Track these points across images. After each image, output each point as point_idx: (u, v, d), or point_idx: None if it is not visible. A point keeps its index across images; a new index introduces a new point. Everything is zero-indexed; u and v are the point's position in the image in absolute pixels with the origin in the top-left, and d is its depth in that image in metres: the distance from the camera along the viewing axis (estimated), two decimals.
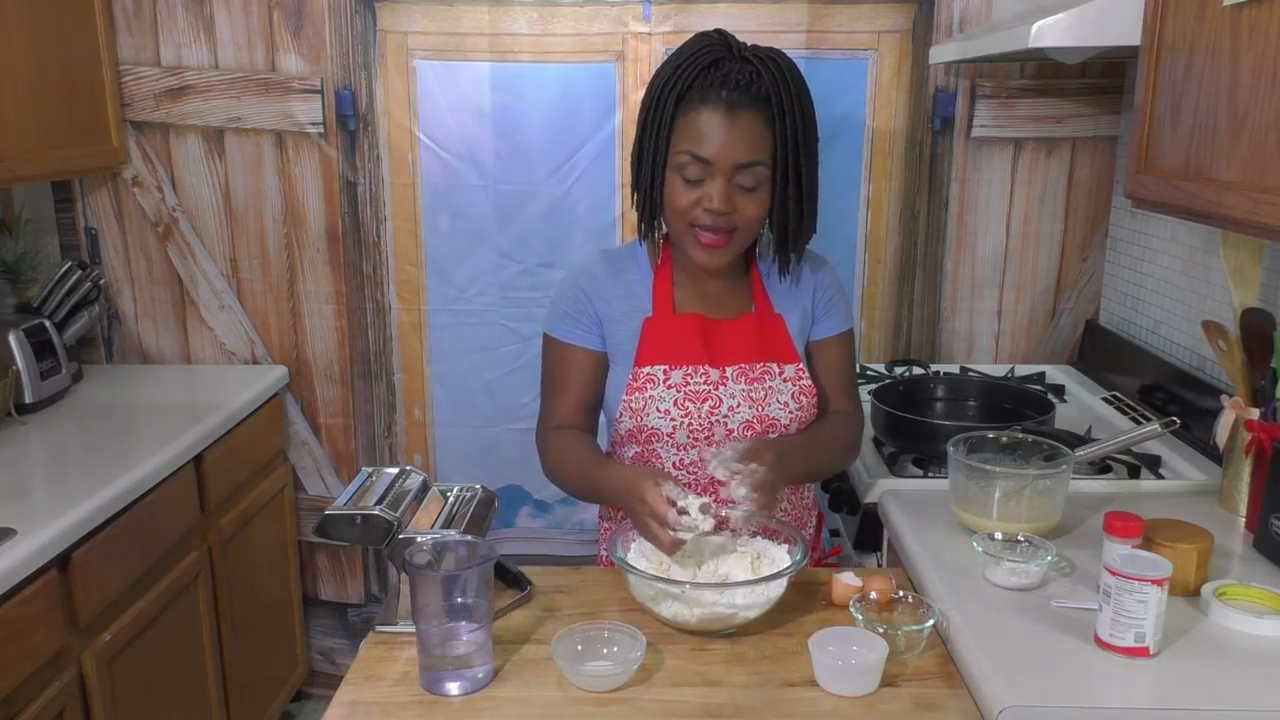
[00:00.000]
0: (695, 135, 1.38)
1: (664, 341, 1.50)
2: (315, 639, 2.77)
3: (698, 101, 1.38)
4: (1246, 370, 1.58)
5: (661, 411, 1.48)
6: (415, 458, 2.63)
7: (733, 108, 1.36)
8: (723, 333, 1.51)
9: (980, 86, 2.40)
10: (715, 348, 1.50)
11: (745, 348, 1.51)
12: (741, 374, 1.50)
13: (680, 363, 1.49)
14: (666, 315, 1.51)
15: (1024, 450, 1.55)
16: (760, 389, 1.50)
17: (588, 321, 1.52)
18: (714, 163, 1.38)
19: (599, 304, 1.52)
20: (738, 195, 1.40)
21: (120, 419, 2.23)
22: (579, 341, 1.52)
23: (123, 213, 2.54)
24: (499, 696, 1.20)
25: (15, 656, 1.52)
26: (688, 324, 1.50)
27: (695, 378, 1.49)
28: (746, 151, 1.38)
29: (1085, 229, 2.47)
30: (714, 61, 1.38)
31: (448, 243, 2.50)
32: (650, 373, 1.49)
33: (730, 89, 1.36)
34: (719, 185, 1.38)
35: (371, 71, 2.42)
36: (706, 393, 1.49)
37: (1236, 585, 1.31)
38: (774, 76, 1.38)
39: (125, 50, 2.43)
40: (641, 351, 1.50)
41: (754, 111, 1.38)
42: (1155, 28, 1.43)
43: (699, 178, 1.39)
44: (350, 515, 1.32)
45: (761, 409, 1.49)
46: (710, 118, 1.37)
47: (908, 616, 1.29)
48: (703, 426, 1.49)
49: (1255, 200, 1.17)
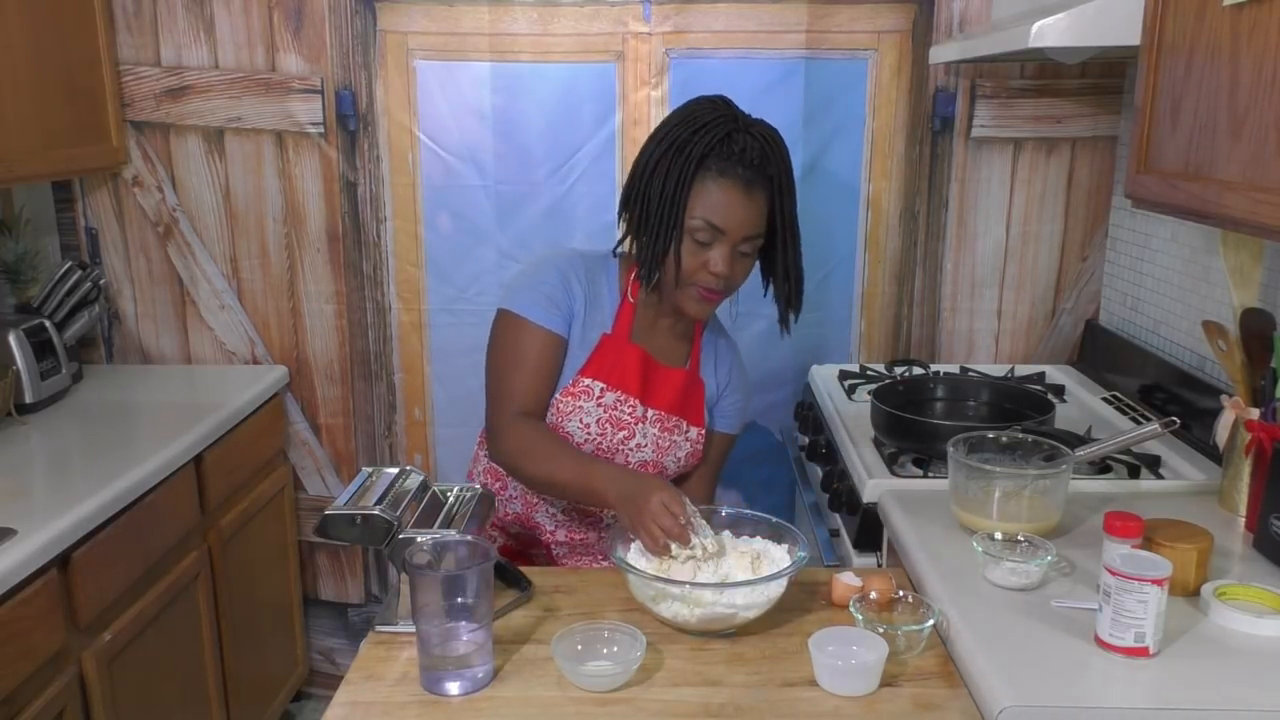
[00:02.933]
0: (713, 205, 1.47)
1: (611, 362, 1.57)
2: (315, 639, 2.77)
3: (716, 173, 1.47)
4: (1246, 370, 1.58)
5: (583, 424, 1.56)
6: (415, 458, 2.63)
7: (748, 184, 1.47)
8: (658, 376, 1.61)
9: (980, 86, 2.40)
10: (649, 387, 1.60)
11: (671, 398, 1.62)
12: (659, 420, 1.60)
13: (616, 387, 1.57)
14: (622, 339, 1.59)
15: (1024, 450, 1.55)
16: (667, 439, 1.62)
17: (565, 310, 1.56)
18: (728, 233, 1.48)
19: (576, 303, 1.57)
20: (735, 260, 1.51)
21: (120, 419, 2.23)
22: (553, 326, 1.55)
23: (123, 213, 2.54)
24: (499, 696, 1.20)
25: (15, 656, 1.52)
26: (635, 355, 1.59)
27: (623, 406, 1.58)
28: (755, 225, 1.50)
29: (1085, 229, 2.47)
30: (728, 134, 1.47)
31: (448, 243, 2.50)
32: (588, 385, 1.56)
33: (745, 165, 1.47)
34: (725, 252, 1.49)
35: (371, 71, 2.42)
36: (627, 423, 1.58)
37: (1236, 585, 1.31)
38: (777, 157, 1.50)
39: (125, 50, 2.43)
40: (590, 363, 1.57)
41: (762, 190, 1.49)
42: (1155, 28, 1.42)
43: (708, 241, 1.48)
44: (350, 515, 1.33)
45: (662, 456, 1.62)
46: (730, 191, 1.46)
47: (908, 616, 1.30)
48: (609, 450, 1.58)
49: (1255, 200, 1.17)
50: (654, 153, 1.50)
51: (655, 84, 2.38)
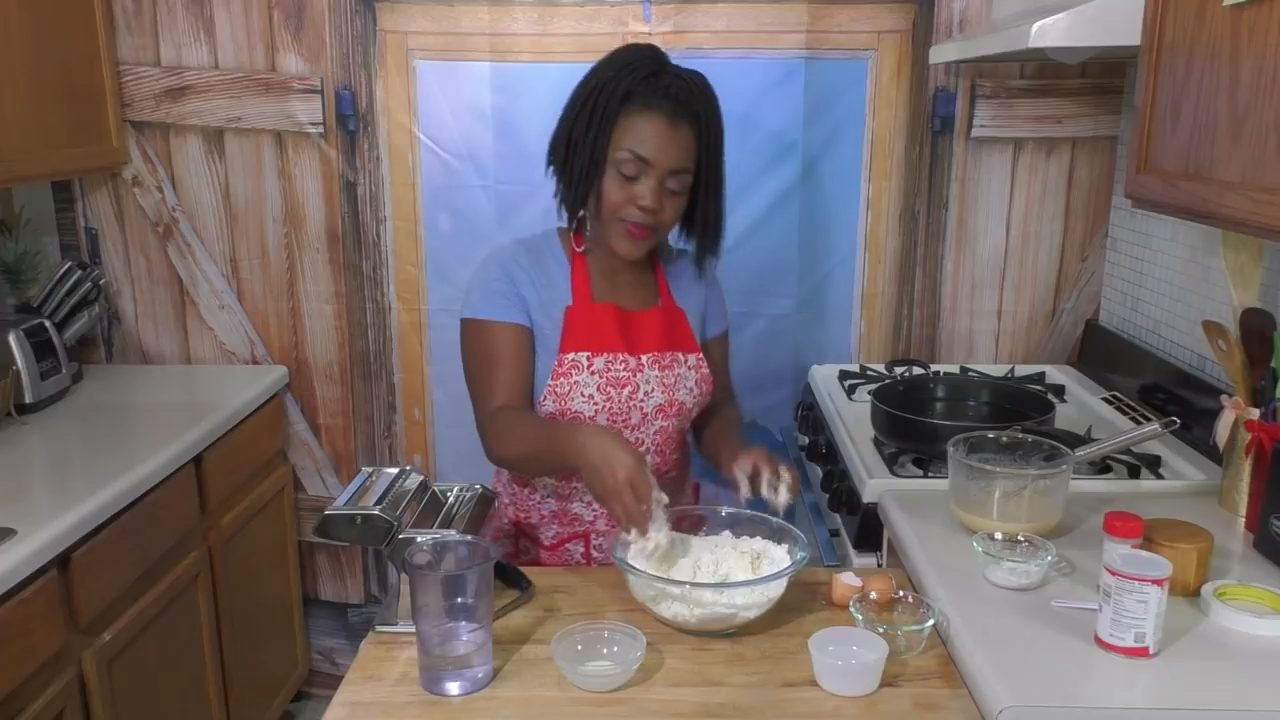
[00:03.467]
0: (638, 136, 1.48)
1: (586, 329, 1.57)
2: (315, 639, 2.77)
3: (641, 105, 1.48)
4: (1246, 370, 1.58)
5: (585, 396, 1.55)
6: (415, 458, 2.63)
7: (673, 117, 1.48)
8: (636, 322, 1.60)
9: (980, 86, 2.40)
10: (632, 336, 1.59)
11: (656, 337, 1.61)
12: (655, 361, 1.60)
13: (602, 350, 1.57)
14: (586, 304, 1.58)
15: (1024, 450, 1.55)
16: (671, 375, 1.61)
17: (517, 299, 1.56)
18: (653, 164, 1.48)
19: (524, 286, 1.57)
20: (665, 197, 1.51)
21: (120, 419, 2.23)
22: (511, 318, 1.56)
23: (123, 213, 2.54)
24: (499, 696, 1.20)
25: (15, 656, 1.52)
26: (606, 313, 1.58)
27: (615, 364, 1.57)
28: (680, 159, 1.49)
29: (1085, 229, 2.47)
30: (653, 72, 1.49)
31: (448, 243, 2.50)
32: (575, 359, 1.56)
33: (671, 100, 1.47)
34: (652, 185, 1.48)
35: (371, 71, 2.42)
36: (626, 379, 1.57)
37: (1236, 585, 1.31)
38: (704, 97, 1.52)
39: (125, 50, 2.43)
40: (566, 338, 1.56)
41: (688, 125, 1.49)
42: (1155, 28, 1.42)
43: (634, 175, 1.49)
44: (350, 515, 1.33)
45: (673, 394, 1.60)
46: (654, 122, 1.47)
47: (908, 616, 1.30)
48: (621, 410, 1.57)
49: (1255, 200, 1.17)
50: (579, 94, 1.52)
51: None
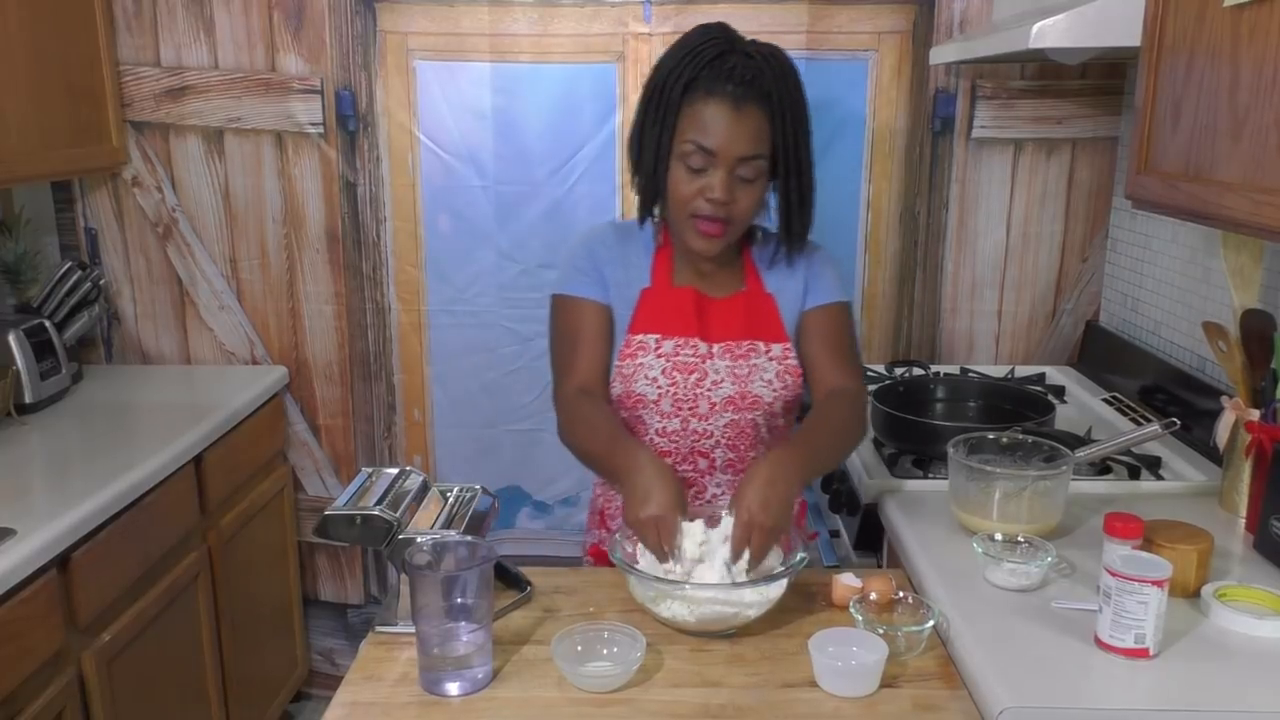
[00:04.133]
0: (701, 126, 1.41)
1: (659, 311, 1.54)
2: (315, 639, 2.77)
3: (704, 93, 1.41)
4: (1246, 371, 1.58)
5: (649, 379, 1.52)
6: (415, 458, 2.63)
7: (738, 101, 1.40)
8: (715, 309, 1.55)
9: (980, 87, 2.40)
10: (707, 323, 1.55)
11: (734, 325, 1.55)
12: (728, 350, 1.54)
13: (672, 333, 1.53)
14: (664, 287, 1.56)
15: (1024, 451, 1.55)
16: (745, 366, 1.53)
17: (599, 278, 1.56)
18: (718, 154, 1.41)
19: (606, 266, 1.56)
20: (737, 187, 1.44)
21: (120, 419, 2.23)
22: (592, 295, 1.55)
23: (123, 213, 2.54)
24: (499, 697, 1.20)
25: (15, 656, 1.52)
26: (684, 297, 1.55)
27: (685, 349, 1.53)
28: (749, 145, 1.42)
29: (1085, 230, 2.47)
30: (719, 55, 1.41)
31: (448, 243, 2.50)
32: (642, 340, 1.53)
33: (735, 83, 1.39)
34: (721, 176, 1.42)
35: (371, 72, 2.42)
36: (694, 365, 1.53)
37: (1237, 586, 1.31)
38: (775, 74, 1.42)
39: (125, 50, 2.43)
40: (636, 319, 1.54)
41: (756, 107, 1.41)
42: (1155, 28, 1.42)
43: (701, 167, 1.43)
44: (350, 516, 1.32)
45: (745, 385, 1.53)
46: (717, 110, 1.40)
47: (907, 617, 1.29)
48: (687, 397, 1.53)
49: (1256, 201, 1.17)
50: (647, 84, 1.49)
51: None
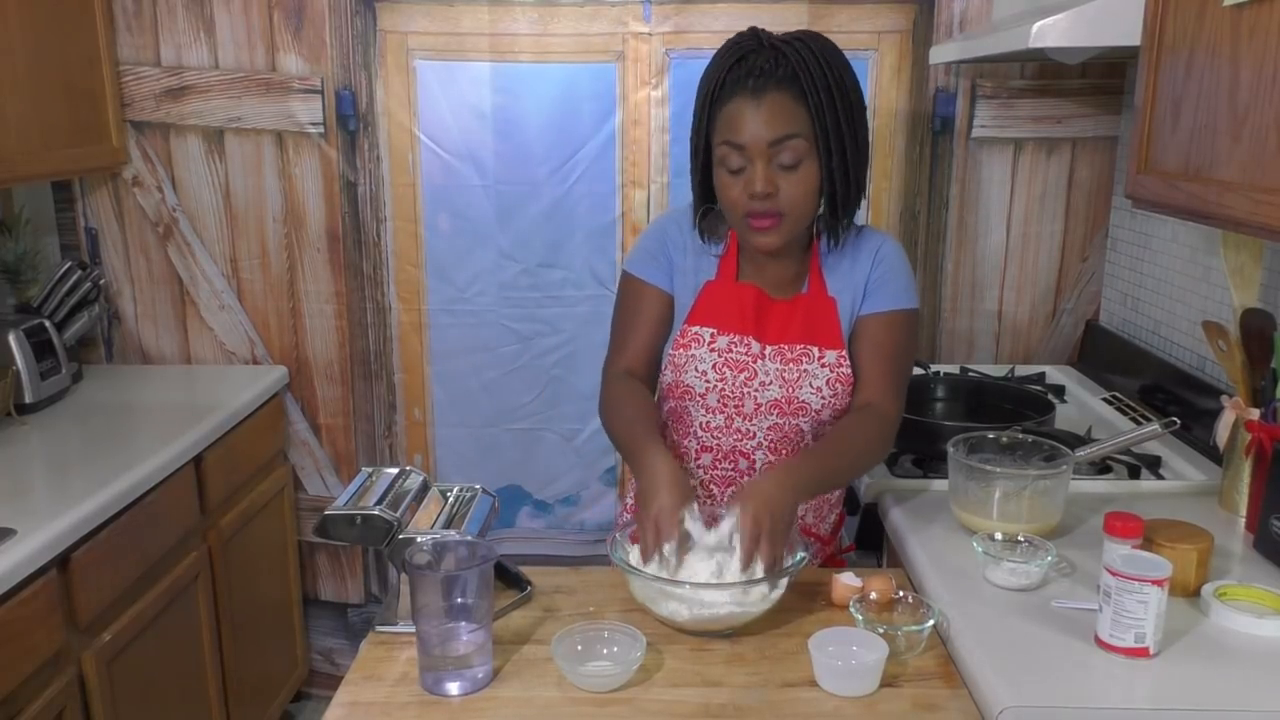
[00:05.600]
0: (728, 126, 1.42)
1: (718, 306, 1.54)
2: (315, 639, 2.77)
3: (728, 95, 1.43)
4: (1246, 371, 1.58)
5: (699, 372, 1.53)
6: (415, 458, 2.63)
7: (757, 92, 1.40)
8: (774, 310, 1.55)
9: (980, 87, 2.40)
10: (764, 323, 1.54)
11: (791, 328, 1.53)
12: (779, 354, 1.53)
13: (727, 329, 1.53)
14: (728, 282, 1.56)
15: (1024, 451, 1.55)
16: (794, 370, 1.51)
17: (665, 263, 1.57)
18: (748, 146, 1.41)
19: (675, 252, 1.57)
20: (780, 176, 1.42)
21: (120, 419, 2.23)
22: (656, 281, 1.57)
23: (123, 213, 2.54)
24: (499, 697, 1.20)
25: (15, 656, 1.52)
26: (744, 294, 1.54)
27: (739, 347, 1.53)
28: (775, 128, 1.40)
29: (1085, 229, 2.47)
30: (741, 57, 1.43)
31: (448, 243, 2.50)
32: (697, 332, 1.54)
33: (755, 76, 1.40)
34: (759, 168, 1.41)
35: (371, 71, 2.42)
36: (745, 363, 1.53)
37: (1237, 586, 1.31)
38: (800, 56, 1.40)
39: (125, 50, 2.43)
40: (695, 310, 1.55)
41: (780, 91, 1.40)
42: (1155, 28, 1.42)
43: (740, 166, 1.43)
44: (350, 515, 1.32)
45: (793, 390, 1.51)
46: (739, 106, 1.41)
47: (908, 617, 1.29)
48: (734, 395, 1.53)
49: (1256, 200, 1.17)
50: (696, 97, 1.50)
51: (655, 84, 2.38)
